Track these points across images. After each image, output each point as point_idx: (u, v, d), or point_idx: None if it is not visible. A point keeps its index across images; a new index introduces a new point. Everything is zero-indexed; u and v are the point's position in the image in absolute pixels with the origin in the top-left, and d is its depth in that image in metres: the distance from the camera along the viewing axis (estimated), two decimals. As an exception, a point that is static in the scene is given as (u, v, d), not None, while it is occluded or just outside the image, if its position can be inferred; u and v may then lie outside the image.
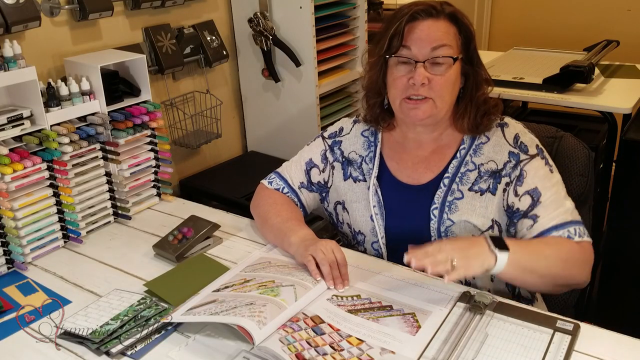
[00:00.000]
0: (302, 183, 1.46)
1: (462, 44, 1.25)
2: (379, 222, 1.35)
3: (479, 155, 1.30)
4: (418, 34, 1.22)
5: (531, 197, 1.24)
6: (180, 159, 2.16)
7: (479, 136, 1.31)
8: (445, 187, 1.30)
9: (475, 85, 1.28)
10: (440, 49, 1.21)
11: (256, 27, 2.09)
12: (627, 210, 1.99)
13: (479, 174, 1.28)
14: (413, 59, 1.22)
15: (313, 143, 1.48)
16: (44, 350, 1.12)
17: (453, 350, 1.04)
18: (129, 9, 1.85)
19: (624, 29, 3.02)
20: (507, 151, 1.28)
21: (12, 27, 1.48)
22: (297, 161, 1.48)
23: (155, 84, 1.96)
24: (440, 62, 1.22)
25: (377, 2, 2.60)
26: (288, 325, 1.07)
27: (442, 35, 1.22)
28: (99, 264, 1.42)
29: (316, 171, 1.45)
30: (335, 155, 1.43)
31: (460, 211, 1.28)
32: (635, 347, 1.06)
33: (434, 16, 1.23)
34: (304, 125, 2.20)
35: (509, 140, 1.29)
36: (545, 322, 1.10)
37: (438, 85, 1.22)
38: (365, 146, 1.41)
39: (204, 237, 1.44)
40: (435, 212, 1.29)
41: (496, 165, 1.28)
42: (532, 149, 1.28)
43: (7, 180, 1.35)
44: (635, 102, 2.10)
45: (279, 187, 1.46)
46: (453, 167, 1.30)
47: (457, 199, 1.29)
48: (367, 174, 1.38)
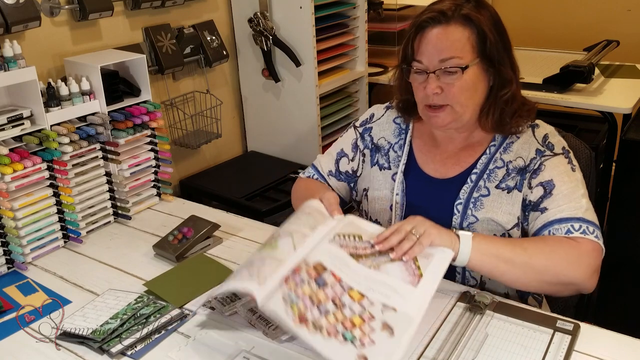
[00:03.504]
0: (331, 171, 1.46)
1: (478, 45, 1.20)
2: (398, 213, 1.34)
3: (508, 153, 1.28)
4: (425, 46, 1.20)
5: (544, 188, 1.22)
6: (180, 159, 2.16)
7: (510, 135, 1.28)
8: (472, 182, 1.28)
9: (499, 83, 1.24)
10: (448, 61, 1.18)
11: (256, 27, 2.09)
12: (627, 210, 1.99)
13: (507, 171, 1.26)
14: (424, 70, 1.21)
15: (346, 134, 1.48)
16: (44, 350, 1.12)
17: (453, 350, 1.04)
18: (129, 9, 1.85)
19: (624, 29, 3.01)
20: (535, 148, 1.26)
21: (12, 27, 1.48)
22: (330, 152, 1.48)
23: (155, 84, 1.96)
24: (451, 72, 1.19)
25: (377, 2, 2.59)
26: (291, 279, 1.02)
27: (450, 45, 1.18)
28: (99, 264, 1.42)
29: (345, 160, 1.44)
30: (365, 142, 1.42)
31: (485, 209, 1.26)
32: (635, 347, 1.06)
33: (442, 23, 1.19)
34: (304, 125, 2.20)
35: (538, 139, 1.27)
36: (545, 322, 1.10)
37: (451, 93, 1.20)
38: (395, 133, 1.39)
39: (204, 237, 1.44)
40: (460, 207, 1.28)
41: (523, 162, 1.26)
42: (558, 149, 1.26)
43: (7, 180, 1.35)
44: (635, 102, 2.10)
45: (310, 175, 1.48)
46: (482, 163, 1.29)
47: (482, 195, 1.27)
48: (393, 162, 1.37)
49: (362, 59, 2.35)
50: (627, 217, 1.99)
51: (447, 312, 1.15)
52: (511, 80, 1.25)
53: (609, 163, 2.16)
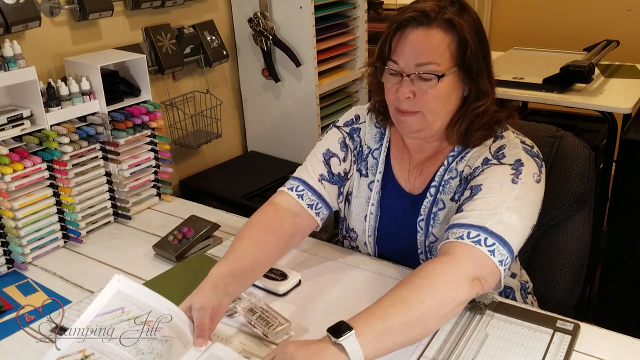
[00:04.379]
0: (323, 175, 1.30)
1: (457, 54, 1.12)
2: (372, 224, 1.31)
3: (462, 161, 1.21)
4: (403, 48, 1.12)
5: (470, 191, 1.13)
6: (180, 159, 2.16)
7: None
8: (432, 196, 1.23)
9: (476, 95, 1.16)
10: (425, 66, 1.11)
11: (256, 27, 2.09)
12: (627, 210, 1.99)
13: (460, 181, 1.20)
14: (399, 72, 1.14)
15: (326, 135, 1.36)
16: (44, 350, 1.11)
17: (453, 350, 1.04)
18: (129, 9, 1.85)
19: (624, 29, 3.01)
20: (484, 157, 1.17)
21: (12, 27, 1.48)
22: (311, 158, 1.33)
23: (155, 84, 1.96)
24: (426, 78, 1.12)
25: (377, 2, 2.60)
26: None
27: (429, 49, 1.10)
28: (99, 263, 1.42)
29: (336, 161, 1.31)
30: (355, 143, 1.33)
31: (441, 224, 1.21)
32: (635, 347, 1.06)
33: (424, 24, 1.11)
34: (304, 125, 2.20)
35: (492, 149, 1.18)
36: (545, 322, 1.10)
37: (423, 100, 1.13)
38: (376, 138, 1.32)
39: (204, 237, 1.44)
40: (422, 224, 1.23)
41: (470, 170, 1.18)
42: (510, 160, 1.14)
43: (7, 180, 1.35)
44: (635, 102, 2.10)
45: (292, 187, 1.29)
46: (440, 174, 1.23)
47: (440, 209, 1.21)
48: (370, 169, 1.31)
49: (362, 59, 2.34)
50: (627, 217, 1.99)
51: (447, 312, 1.15)
52: (487, 92, 1.16)
53: (609, 163, 2.16)
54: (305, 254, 1.39)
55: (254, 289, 1.25)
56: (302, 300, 1.22)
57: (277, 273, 1.27)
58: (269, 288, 1.24)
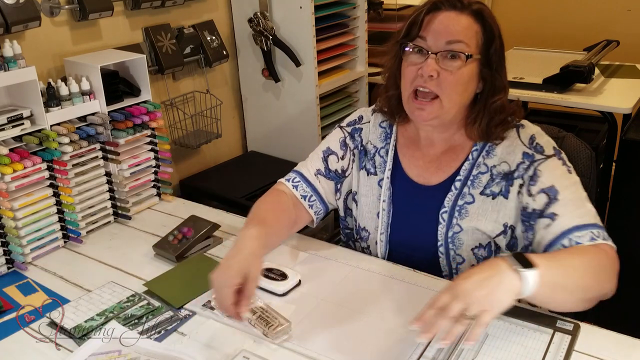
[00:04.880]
0: (319, 170, 1.38)
1: (482, 44, 1.17)
2: (384, 220, 1.32)
3: (492, 157, 1.24)
4: (436, 25, 1.16)
5: (547, 195, 1.17)
6: (180, 159, 2.16)
7: None
8: (457, 190, 1.25)
9: (491, 90, 1.20)
10: (455, 44, 1.15)
11: (256, 27, 2.09)
12: (627, 210, 1.99)
13: (491, 176, 1.23)
14: (426, 49, 1.16)
15: (330, 135, 1.43)
16: (44, 350, 1.11)
17: (453, 350, 1.04)
18: (129, 9, 1.85)
19: (624, 29, 3.01)
20: (521, 152, 1.21)
21: (12, 27, 1.48)
22: (313, 155, 1.42)
23: (155, 84, 1.96)
24: (454, 57, 1.15)
25: (377, 2, 2.60)
26: None
27: (460, 29, 1.15)
28: (99, 263, 1.42)
29: (334, 158, 1.38)
30: (355, 142, 1.38)
31: (470, 217, 1.24)
32: (635, 347, 1.06)
33: (457, 9, 1.16)
34: (304, 125, 2.20)
35: (524, 141, 1.22)
36: (545, 322, 1.10)
37: (446, 82, 1.16)
38: (382, 137, 1.36)
39: (204, 237, 1.44)
40: (445, 215, 1.25)
41: (509, 167, 1.22)
42: (549, 150, 1.21)
43: (7, 180, 1.35)
44: (635, 102, 2.10)
45: (289, 178, 1.39)
46: (465, 169, 1.25)
47: (467, 203, 1.24)
48: (379, 167, 1.34)
49: (362, 59, 2.35)
50: (627, 217, 1.99)
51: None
52: (504, 87, 1.22)
53: (609, 163, 2.16)
54: (305, 254, 1.39)
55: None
56: (302, 300, 1.22)
57: (277, 273, 1.27)
58: (269, 288, 1.24)
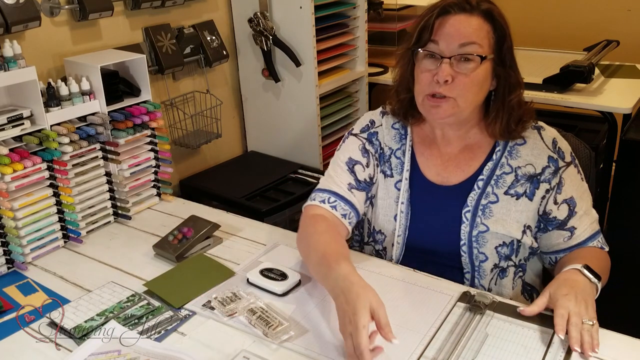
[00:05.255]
0: (350, 184, 1.31)
1: (494, 43, 1.18)
2: (402, 222, 1.31)
3: (516, 158, 1.25)
4: (447, 29, 1.17)
5: (568, 206, 1.24)
6: (180, 159, 2.15)
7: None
8: (480, 189, 1.26)
9: (507, 88, 1.22)
10: (469, 47, 1.15)
11: (256, 27, 2.09)
12: (627, 210, 1.99)
13: (516, 177, 1.25)
14: (439, 54, 1.17)
15: (344, 145, 1.37)
16: (44, 350, 1.11)
17: (453, 350, 1.04)
18: (129, 9, 1.85)
19: (624, 29, 3.01)
20: (547, 155, 1.24)
21: (12, 27, 1.48)
22: (334, 168, 1.35)
23: (155, 84, 1.96)
24: (468, 59, 1.16)
25: (377, 2, 2.59)
26: None
27: (472, 32, 1.16)
28: (99, 263, 1.42)
29: (360, 168, 1.33)
30: (375, 146, 1.35)
31: (494, 217, 1.24)
32: (635, 347, 1.06)
33: (467, 11, 1.17)
34: (304, 125, 2.20)
35: (548, 144, 1.25)
36: (545, 322, 1.10)
37: (461, 84, 1.17)
38: (396, 139, 1.34)
39: (204, 237, 1.44)
40: (468, 215, 1.25)
41: (534, 169, 1.24)
42: (568, 156, 1.26)
43: (7, 180, 1.35)
44: (635, 102, 2.10)
45: (323, 199, 1.30)
46: (488, 169, 1.26)
47: (491, 202, 1.25)
48: (395, 168, 1.32)
49: (362, 59, 2.34)
50: (627, 217, 1.99)
51: (447, 312, 1.15)
52: (519, 83, 1.23)
53: (609, 163, 2.16)
54: (305, 254, 1.39)
55: (254, 289, 1.25)
56: (302, 300, 1.22)
57: (277, 273, 1.27)
58: (268, 288, 1.24)
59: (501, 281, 1.29)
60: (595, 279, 1.13)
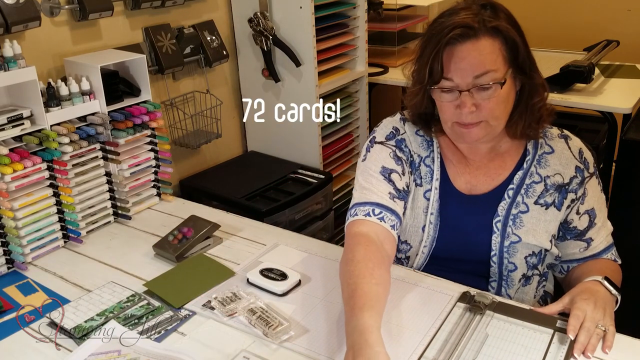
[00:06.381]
0: (391, 193, 1.23)
1: (509, 56, 1.13)
2: (430, 234, 1.26)
3: (545, 167, 1.23)
4: (458, 64, 1.10)
5: (589, 217, 1.25)
6: (180, 159, 2.15)
7: (542, 145, 1.24)
8: (510, 198, 1.23)
9: (531, 92, 1.18)
10: (484, 77, 1.10)
11: (256, 27, 2.09)
12: (627, 210, 1.99)
13: (545, 186, 1.23)
14: (456, 89, 1.12)
15: (370, 154, 1.28)
16: (44, 350, 1.12)
17: (453, 351, 1.04)
18: (129, 9, 1.85)
19: (624, 29, 3.01)
20: (574, 165, 1.23)
21: (12, 27, 1.48)
22: (369, 179, 1.24)
23: (155, 84, 1.96)
24: (486, 88, 1.11)
25: (377, 2, 2.59)
26: None
27: (484, 59, 1.10)
28: (99, 263, 1.42)
29: (397, 176, 1.25)
30: (405, 153, 1.27)
31: (526, 226, 1.22)
32: (635, 347, 1.06)
33: (472, 37, 1.10)
34: (304, 125, 2.20)
35: (575, 154, 1.24)
36: (545, 322, 1.10)
37: (487, 109, 1.12)
38: (424, 146, 1.28)
39: (204, 237, 1.44)
40: (499, 225, 1.23)
41: (562, 179, 1.22)
42: (592, 167, 1.25)
43: (7, 180, 1.35)
44: (635, 102, 2.10)
45: (367, 212, 1.19)
46: (518, 177, 1.23)
47: (522, 212, 1.22)
48: (424, 177, 1.26)
49: (362, 59, 2.34)
50: (627, 217, 1.98)
51: (447, 312, 1.15)
52: (543, 85, 1.19)
53: (609, 163, 2.16)
54: (305, 253, 1.39)
55: (254, 289, 1.25)
56: (302, 300, 1.22)
57: (277, 273, 1.27)
58: (268, 288, 1.24)
59: (524, 289, 1.28)
60: (615, 292, 1.14)
